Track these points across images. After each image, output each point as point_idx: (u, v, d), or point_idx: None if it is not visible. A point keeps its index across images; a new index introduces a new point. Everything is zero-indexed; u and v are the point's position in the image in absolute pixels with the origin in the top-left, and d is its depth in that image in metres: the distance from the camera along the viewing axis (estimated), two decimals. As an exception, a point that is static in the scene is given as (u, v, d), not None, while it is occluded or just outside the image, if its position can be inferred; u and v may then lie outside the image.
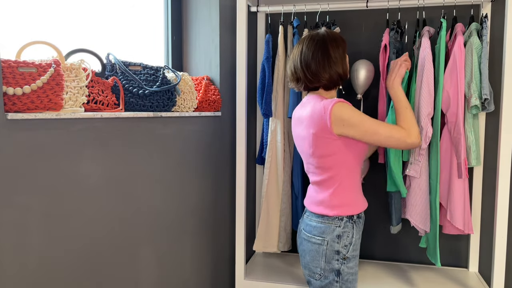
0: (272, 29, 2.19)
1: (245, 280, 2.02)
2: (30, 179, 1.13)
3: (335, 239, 1.52)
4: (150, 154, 1.57)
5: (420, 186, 1.84)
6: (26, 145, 1.12)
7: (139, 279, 1.56)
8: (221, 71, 2.01)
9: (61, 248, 1.24)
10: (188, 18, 2.11)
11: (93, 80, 1.39)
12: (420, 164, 1.82)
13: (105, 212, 1.38)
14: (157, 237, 1.63)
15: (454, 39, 1.83)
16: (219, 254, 2.09)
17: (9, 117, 1.07)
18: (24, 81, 1.11)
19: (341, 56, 1.55)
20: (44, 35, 1.44)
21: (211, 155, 1.96)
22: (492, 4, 1.97)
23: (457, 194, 1.81)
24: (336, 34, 1.58)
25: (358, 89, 2.03)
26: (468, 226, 1.84)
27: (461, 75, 1.74)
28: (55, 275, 1.22)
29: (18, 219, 1.11)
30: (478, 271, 2.13)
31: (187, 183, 1.79)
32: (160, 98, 1.59)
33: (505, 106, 1.73)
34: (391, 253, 2.28)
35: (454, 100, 1.76)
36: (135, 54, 1.85)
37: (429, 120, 1.78)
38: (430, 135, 1.77)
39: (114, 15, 1.75)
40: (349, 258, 1.53)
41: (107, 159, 1.38)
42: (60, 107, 1.19)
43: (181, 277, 1.80)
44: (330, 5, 1.98)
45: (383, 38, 1.88)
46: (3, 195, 1.07)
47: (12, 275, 1.10)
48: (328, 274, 1.53)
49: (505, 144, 1.73)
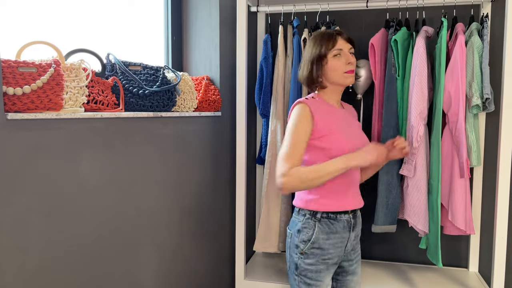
0: (272, 29, 2.19)
1: (245, 280, 2.02)
2: (30, 179, 1.13)
3: (296, 233, 1.57)
4: (150, 154, 1.57)
5: (418, 186, 1.84)
6: (26, 145, 1.12)
7: (139, 278, 1.56)
8: (221, 71, 2.01)
9: (61, 248, 1.23)
10: (188, 18, 2.11)
11: (93, 80, 1.39)
12: (413, 163, 1.82)
13: (105, 212, 1.38)
14: (157, 237, 1.63)
15: (454, 38, 1.83)
16: (219, 254, 2.09)
17: (9, 117, 1.07)
18: (24, 81, 1.11)
19: (309, 58, 1.57)
20: (44, 35, 1.44)
21: (211, 155, 1.96)
22: (492, 4, 1.97)
23: (459, 194, 1.81)
24: (316, 33, 1.60)
25: (358, 89, 2.03)
26: (469, 226, 1.84)
27: (462, 75, 1.74)
28: (55, 275, 1.22)
29: (18, 219, 1.11)
30: (478, 271, 2.13)
31: (187, 183, 1.79)
32: (160, 98, 1.58)
33: (505, 106, 1.73)
34: (391, 253, 2.28)
35: (456, 100, 1.76)
36: (135, 54, 1.85)
37: (422, 119, 1.78)
38: (421, 134, 1.78)
39: (114, 15, 1.75)
40: (307, 254, 1.54)
41: (107, 159, 1.38)
42: (60, 107, 1.19)
43: (181, 277, 1.80)
44: (330, 5, 1.98)
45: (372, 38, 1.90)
46: (3, 195, 1.07)
47: (12, 275, 1.10)
48: (291, 265, 1.60)
49: (505, 144, 1.73)
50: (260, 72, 2.07)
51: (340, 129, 1.54)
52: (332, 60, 1.54)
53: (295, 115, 1.52)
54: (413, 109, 1.78)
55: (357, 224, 1.63)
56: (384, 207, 1.93)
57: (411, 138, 1.79)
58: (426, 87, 1.78)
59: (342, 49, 1.55)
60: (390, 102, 1.89)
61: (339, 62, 1.54)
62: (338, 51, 1.54)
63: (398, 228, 2.15)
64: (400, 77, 1.89)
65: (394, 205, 1.93)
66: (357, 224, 1.63)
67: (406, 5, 1.90)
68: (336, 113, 1.59)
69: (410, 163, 1.83)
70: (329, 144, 1.50)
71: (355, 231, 1.61)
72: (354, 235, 1.61)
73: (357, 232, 1.63)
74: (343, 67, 1.54)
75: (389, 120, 1.89)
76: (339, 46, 1.54)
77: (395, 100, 1.89)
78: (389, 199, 1.92)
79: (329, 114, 1.55)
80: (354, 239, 1.63)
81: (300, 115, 1.50)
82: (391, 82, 1.89)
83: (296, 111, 1.53)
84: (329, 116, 1.55)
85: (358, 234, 1.65)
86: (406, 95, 1.89)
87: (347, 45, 1.57)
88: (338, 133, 1.53)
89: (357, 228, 1.63)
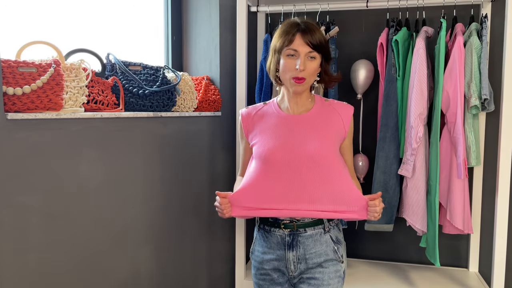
0: (272, 29, 2.19)
1: (245, 280, 2.02)
2: (30, 179, 1.13)
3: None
4: (150, 154, 1.57)
5: (417, 186, 1.84)
6: (26, 145, 1.12)
7: (139, 278, 1.56)
8: (221, 71, 2.01)
9: (61, 248, 1.23)
10: (188, 18, 2.11)
11: (93, 80, 1.39)
12: (412, 163, 1.82)
13: (105, 212, 1.38)
14: (157, 237, 1.63)
15: (454, 39, 1.83)
16: (219, 254, 2.09)
17: (9, 117, 1.07)
18: (24, 81, 1.11)
19: (271, 47, 1.39)
20: (44, 35, 1.44)
21: (211, 155, 1.96)
22: (492, 4, 1.97)
23: (457, 194, 1.81)
24: (285, 22, 1.38)
25: (358, 89, 2.03)
26: (467, 226, 1.84)
27: (461, 75, 1.74)
28: (55, 275, 1.22)
29: (18, 219, 1.11)
30: (478, 271, 2.13)
31: (187, 183, 1.79)
32: (160, 98, 1.58)
33: (505, 106, 1.73)
34: (390, 253, 2.28)
35: (454, 100, 1.77)
36: (135, 54, 1.85)
37: (421, 120, 1.78)
38: (420, 135, 1.78)
39: (114, 15, 1.75)
40: (252, 259, 1.48)
41: (107, 159, 1.38)
42: (60, 107, 1.19)
43: (181, 277, 1.80)
44: (330, 5, 1.98)
45: (380, 37, 1.89)
46: (3, 195, 1.07)
47: (12, 275, 1.10)
48: None
49: (505, 144, 1.73)
50: (260, 72, 2.07)
51: (268, 134, 1.38)
52: (284, 58, 1.33)
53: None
54: (412, 110, 1.78)
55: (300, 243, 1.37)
56: (389, 206, 1.94)
57: (411, 139, 1.80)
58: (426, 89, 1.78)
59: (297, 51, 1.30)
60: (389, 102, 1.89)
61: (290, 64, 1.31)
62: (292, 51, 1.31)
63: (398, 228, 2.16)
64: (400, 77, 1.89)
65: (391, 204, 1.93)
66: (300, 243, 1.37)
67: (406, 5, 1.90)
68: (275, 119, 1.40)
69: (409, 163, 1.83)
70: (255, 150, 1.41)
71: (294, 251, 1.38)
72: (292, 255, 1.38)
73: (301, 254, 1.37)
74: (291, 71, 1.31)
75: (387, 120, 1.89)
76: (294, 46, 1.30)
77: (394, 100, 1.89)
78: (385, 199, 1.92)
79: (264, 122, 1.42)
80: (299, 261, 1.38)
81: (237, 131, 1.50)
82: (391, 82, 1.89)
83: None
84: (264, 123, 1.42)
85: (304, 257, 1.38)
86: (406, 95, 1.89)
87: (306, 48, 1.30)
88: (263, 137, 1.39)
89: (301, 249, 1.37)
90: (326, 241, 1.38)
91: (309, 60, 1.31)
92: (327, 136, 1.37)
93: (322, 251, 1.37)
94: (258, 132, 1.42)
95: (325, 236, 1.38)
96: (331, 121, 1.40)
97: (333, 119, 1.40)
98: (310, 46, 1.30)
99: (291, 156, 1.32)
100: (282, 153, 1.33)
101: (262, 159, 1.36)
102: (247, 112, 1.48)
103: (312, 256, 1.37)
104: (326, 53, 1.36)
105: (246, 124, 1.46)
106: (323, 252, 1.37)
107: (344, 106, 1.44)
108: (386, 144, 1.90)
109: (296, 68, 1.30)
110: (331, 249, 1.38)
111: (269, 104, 1.48)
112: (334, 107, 1.43)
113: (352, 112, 1.43)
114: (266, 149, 1.35)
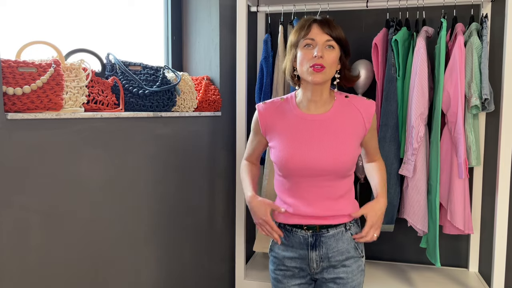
0: (272, 29, 2.19)
1: (245, 280, 2.02)
2: (30, 179, 1.13)
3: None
4: (150, 154, 1.57)
5: (418, 186, 1.84)
6: (26, 145, 1.12)
7: (139, 279, 1.56)
8: (221, 71, 2.01)
9: (61, 248, 1.23)
10: (188, 18, 2.11)
11: (93, 80, 1.39)
12: (413, 163, 1.82)
13: (105, 212, 1.38)
14: (157, 237, 1.63)
15: (454, 39, 1.83)
16: (219, 254, 2.09)
17: (9, 117, 1.07)
18: (24, 81, 1.11)
19: (288, 46, 1.39)
20: (44, 35, 1.44)
21: (211, 155, 1.96)
22: (492, 4, 1.97)
23: (458, 194, 1.81)
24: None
25: (358, 89, 2.03)
26: (468, 226, 1.84)
27: (461, 75, 1.74)
28: (55, 275, 1.22)
29: (18, 219, 1.11)
30: (478, 271, 2.13)
31: (187, 183, 1.79)
32: (160, 98, 1.58)
33: (505, 106, 1.73)
34: (391, 253, 2.28)
35: (455, 100, 1.77)
36: (135, 54, 1.85)
37: (422, 120, 1.78)
38: (422, 135, 1.78)
39: (114, 15, 1.75)
40: (270, 256, 1.49)
41: (107, 159, 1.38)
42: (60, 107, 1.19)
43: (181, 277, 1.80)
44: (330, 5, 1.98)
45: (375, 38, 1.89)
46: (3, 195, 1.07)
47: (12, 275, 1.10)
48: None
49: (505, 144, 1.73)
50: (260, 72, 2.07)
51: (286, 138, 1.37)
52: (301, 50, 1.31)
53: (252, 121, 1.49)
54: (413, 110, 1.78)
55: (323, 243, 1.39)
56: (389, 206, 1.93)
57: (412, 139, 1.80)
58: (426, 89, 1.78)
59: (315, 39, 1.29)
60: (389, 102, 1.89)
61: (307, 54, 1.29)
62: (310, 41, 1.29)
63: (398, 228, 2.16)
64: (400, 77, 1.89)
65: (392, 204, 1.93)
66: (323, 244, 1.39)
67: (406, 5, 1.90)
68: (293, 119, 1.38)
69: (409, 163, 1.83)
70: (274, 153, 1.40)
71: (317, 251, 1.39)
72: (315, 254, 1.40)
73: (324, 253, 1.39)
74: (309, 61, 1.29)
75: (386, 119, 1.89)
76: (312, 35, 1.29)
77: (393, 100, 1.89)
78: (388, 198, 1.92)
79: (282, 120, 1.40)
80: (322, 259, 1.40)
81: (252, 123, 1.48)
82: (390, 82, 1.88)
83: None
84: (282, 122, 1.40)
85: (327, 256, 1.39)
86: (406, 95, 1.89)
87: (324, 36, 1.29)
88: (282, 141, 1.37)
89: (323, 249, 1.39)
90: (348, 238, 1.40)
91: (328, 49, 1.30)
92: (346, 142, 1.35)
93: (344, 249, 1.39)
94: (277, 133, 1.39)
95: (346, 234, 1.40)
96: (351, 121, 1.37)
97: (354, 118, 1.38)
98: (328, 34, 1.30)
99: (307, 171, 1.34)
100: (299, 164, 1.34)
101: (279, 167, 1.38)
102: (264, 107, 1.44)
103: (335, 254, 1.39)
104: (345, 46, 1.35)
105: (264, 121, 1.42)
106: (345, 250, 1.39)
107: (364, 102, 1.40)
108: (386, 144, 1.90)
109: (314, 56, 1.28)
110: (352, 246, 1.40)
111: (287, 100, 1.43)
112: (355, 104, 1.40)
113: (374, 108, 1.39)
114: (284, 158, 1.35)
